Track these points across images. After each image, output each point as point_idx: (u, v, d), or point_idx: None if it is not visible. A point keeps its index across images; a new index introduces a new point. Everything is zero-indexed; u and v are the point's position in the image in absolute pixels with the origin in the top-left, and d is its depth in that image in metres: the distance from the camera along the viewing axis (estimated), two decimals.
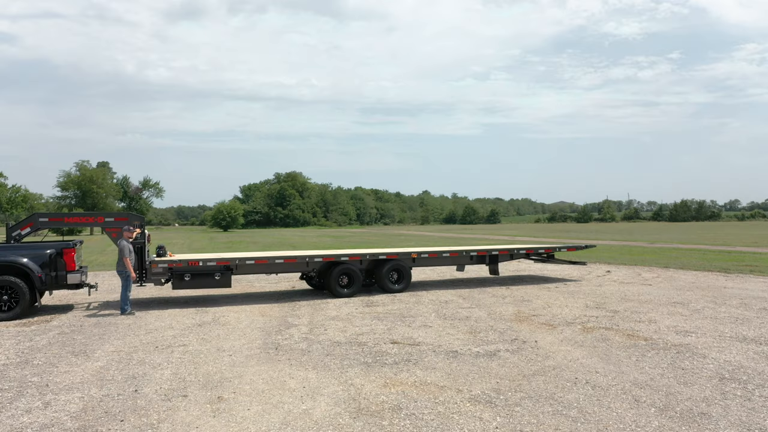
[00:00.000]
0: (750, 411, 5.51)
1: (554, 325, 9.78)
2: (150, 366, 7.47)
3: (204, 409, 5.78)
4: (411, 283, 14.39)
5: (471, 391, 6.24)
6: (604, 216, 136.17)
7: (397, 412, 5.61)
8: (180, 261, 12.54)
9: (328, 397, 6.10)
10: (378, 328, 9.75)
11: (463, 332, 9.33)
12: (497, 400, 5.94)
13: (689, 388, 6.23)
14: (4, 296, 11.13)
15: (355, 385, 6.56)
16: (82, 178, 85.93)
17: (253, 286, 16.08)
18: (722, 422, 5.24)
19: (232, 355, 8.05)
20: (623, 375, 6.77)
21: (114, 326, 10.26)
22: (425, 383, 6.58)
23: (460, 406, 5.76)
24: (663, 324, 9.75)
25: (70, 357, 8.00)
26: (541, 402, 5.86)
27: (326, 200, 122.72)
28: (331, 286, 13.35)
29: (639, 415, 5.44)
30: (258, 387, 6.51)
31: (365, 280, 14.04)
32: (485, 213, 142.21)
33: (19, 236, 12.30)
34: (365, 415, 5.54)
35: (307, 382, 6.67)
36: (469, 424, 5.29)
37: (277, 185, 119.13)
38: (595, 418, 5.39)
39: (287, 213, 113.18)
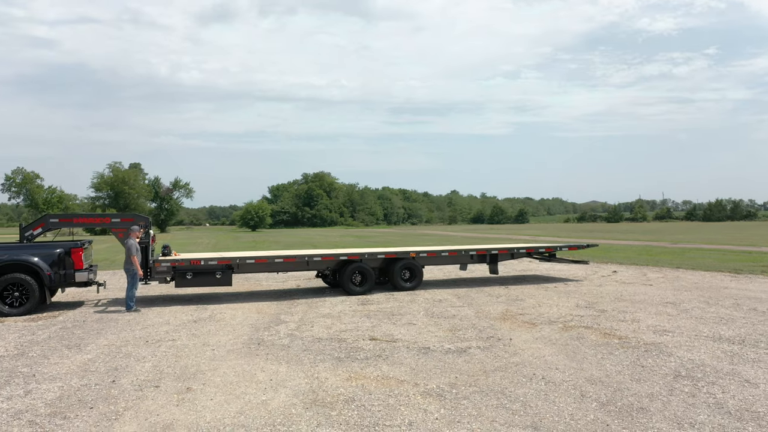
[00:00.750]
0: (689, 407, 5.65)
1: (536, 324, 9.94)
2: (134, 359, 7.90)
3: (170, 398, 6.15)
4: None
5: (427, 386, 6.49)
6: (635, 215, 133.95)
7: (349, 404, 5.90)
8: (182, 260, 13.03)
9: (290, 390, 6.42)
10: (363, 326, 10.04)
11: (444, 330, 9.56)
12: (449, 394, 6.19)
13: (640, 385, 6.38)
14: (16, 293, 11.74)
15: (320, 378, 6.87)
16: (114, 179, 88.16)
17: (260, 284, 16.53)
18: (657, 416, 5.40)
19: (215, 349, 8.44)
20: (581, 372, 6.94)
21: (114, 322, 10.76)
22: (387, 377, 6.85)
23: (411, 399, 6.02)
24: (645, 323, 9.83)
25: (63, 350, 8.49)
26: (490, 396, 6.08)
27: (353, 200, 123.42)
28: (344, 283, 13.76)
29: (578, 409, 5.63)
30: (228, 379, 6.87)
31: (379, 278, 14.41)
32: (513, 213, 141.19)
33: (32, 236, 12.93)
34: (317, 406, 5.84)
35: (276, 375, 7.00)
36: (412, 414, 5.55)
37: (305, 185, 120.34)
38: (534, 411, 5.60)
39: (314, 213, 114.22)
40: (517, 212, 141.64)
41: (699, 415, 5.41)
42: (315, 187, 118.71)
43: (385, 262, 14.43)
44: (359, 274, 13.92)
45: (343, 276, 13.85)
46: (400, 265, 14.30)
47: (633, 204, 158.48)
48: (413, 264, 14.45)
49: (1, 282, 11.63)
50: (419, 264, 14.63)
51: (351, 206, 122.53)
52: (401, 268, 14.32)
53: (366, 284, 13.88)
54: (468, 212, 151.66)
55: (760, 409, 5.55)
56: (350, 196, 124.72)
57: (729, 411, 5.52)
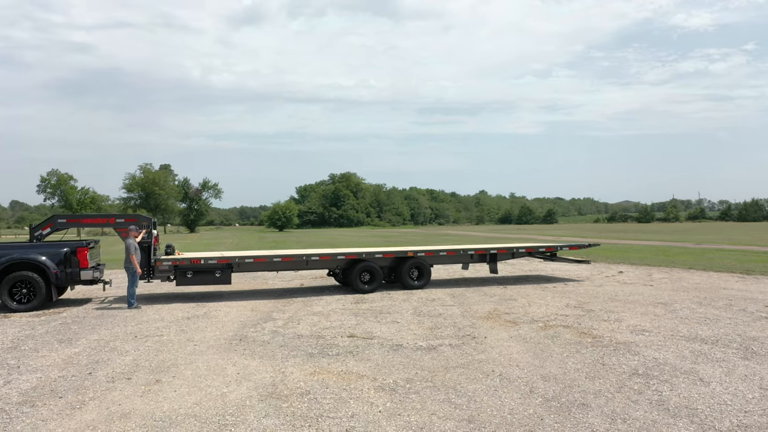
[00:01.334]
0: (631, 403, 5.75)
1: (517, 323, 10.05)
2: (118, 353, 8.28)
3: (137, 390, 6.48)
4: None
5: (384, 381, 6.70)
6: (667, 216, 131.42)
7: (302, 397, 6.14)
8: (183, 259, 13.44)
9: (253, 383, 6.69)
10: (348, 323, 10.28)
11: (425, 328, 9.74)
12: (401, 388, 6.38)
13: (592, 382, 6.49)
14: (24, 290, 12.29)
15: (286, 373, 7.13)
16: (145, 180, 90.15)
17: (266, 283, 16.90)
18: (594, 412, 5.52)
19: (197, 345, 8.77)
20: (540, 369, 7.06)
21: (112, 318, 11.20)
22: (349, 373, 7.08)
23: (363, 393, 6.23)
24: (626, 323, 9.86)
25: (54, 344, 8.92)
26: (440, 391, 6.26)
27: (380, 200, 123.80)
28: (353, 282, 14.09)
29: (521, 404, 5.78)
30: (198, 373, 7.18)
31: (389, 276, 14.73)
32: (542, 213, 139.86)
33: (41, 236, 13.50)
34: (272, 398, 6.10)
35: (245, 370, 7.29)
36: (358, 407, 5.77)
37: (332, 186, 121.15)
38: (476, 405, 5.77)
39: (341, 213, 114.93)
40: (546, 212, 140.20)
41: (636, 412, 5.51)
42: (342, 188, 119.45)
43: (394, 261, 14.69)
44: (367, 272, 14.22)
45: (351, 275, 14.15)
46: (409, 264, 14.55)
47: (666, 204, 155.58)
48: (421, 263, 14.69)
49: (10, 279, 12.18)
50: (427, 263, 14.85)
51: (378, 206, 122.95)
52: (409, 267, 14.57)
53: (374, 283, 14.18)
54: (496, 212, 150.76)
55: (699, 407, 5.62)
56: (377, 196, 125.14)
57: (668, 408, 5.60)
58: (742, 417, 5.34)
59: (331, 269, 15.08)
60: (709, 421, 5.25)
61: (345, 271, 14.64)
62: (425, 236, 53.86)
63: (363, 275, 14.20)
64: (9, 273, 12.23)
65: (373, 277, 14.24)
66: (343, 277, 14.90)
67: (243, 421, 5.46)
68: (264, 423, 5.39)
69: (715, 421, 5.25)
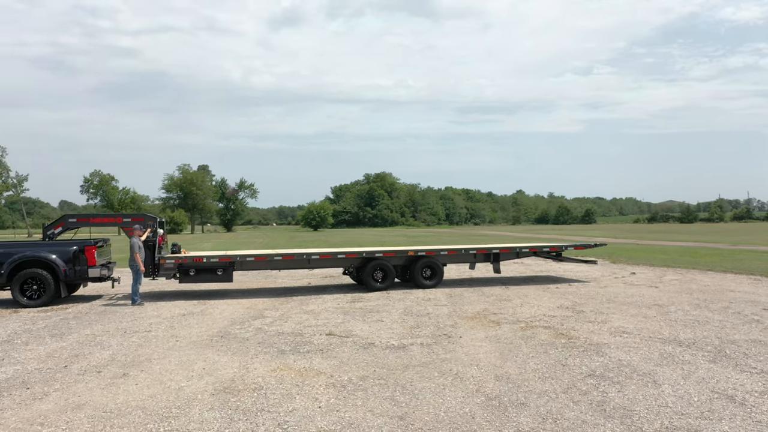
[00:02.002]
0: (571, 404, 5.75)
1: (500, 323, 10.05)
2: (100, 347, 8.63)
3: (101, 383, 6.77)
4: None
5: (340, 378, 6.83)
6: (711, 216, 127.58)
7: (252, 391, 6.33)
8: (186, 257, 13.83)
9: (213, 378, 6.91)
10: (333, 322, 10.44)
11: (406, 327, 9.83)
12: (352, 385, 6.51)
13: (543, 383, 6.49)
14: (34, 286, 12.85)
15: (250, 369, 7.33)
16: (183, 180, 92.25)
17: (275, 281, 17.22)
18: (529, 411, 5.55)
19: (179, 341, 9.06)
20: (498, 369, 7.09)
21: (112, 314, 11.63)
22: (310, 369, 7.24)
23: (312, 389, 6.38)
24: (611, 325, 9.76)
25: (46, 338, 9.34)
26: (389, 389, 6.36)
27: (414, 200, 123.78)
28: (365, 280, 14.37)
29: (461, 403, 5.84)
30: (167, 368, 7.44)
31: (404, 275, 14.93)
32: (580, 213, 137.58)
33: (53, 234, 14.08)
34: (224, 393, 6.30)
35: (212, 365, 7.52)
36: (300, 403, 5.92)
37: (366, 186, 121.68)
38: (416, 403, 5.85)
39: (376, 213, 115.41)
40: (584, 212, 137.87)
41: (571, 412, 5.51)
42: (376, 188, 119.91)
43: (407, 260, 14.86)
44: (380, 271, 14.43)
45: (364, 273, 14.36)
46: (421, 263, 14.70)
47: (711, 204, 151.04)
48: (434, 262, 14.83)
49: (21, 276, 12.76)
50: (440, 263, 14.97)
51: (412, 206, 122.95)
52: (422, 266, 14.72)
53: (386, 281, 14.38)
54: (533, 212, 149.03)
55: (638, 408, 5.58)
56: (411, 196, 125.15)
57: (605, 409, 5.59)
58: (676, 419, 5.30)
59: (346, 268, 15.27)
60: (639, 423, 5.22)
61: (359, 270, 14.82)
62: (451, 236, 53.69)
63: (376, 273, 14.43)
64: (21, 270, 12.79)
65: (386, 275, 14.45)
66: (358, 275, 15.06)
67: (186, 413, 5.67)
68: (205, 416, 5.59)
69: (645, 423, 5.22)
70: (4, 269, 12.71)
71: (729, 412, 5.47)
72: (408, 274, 14.97)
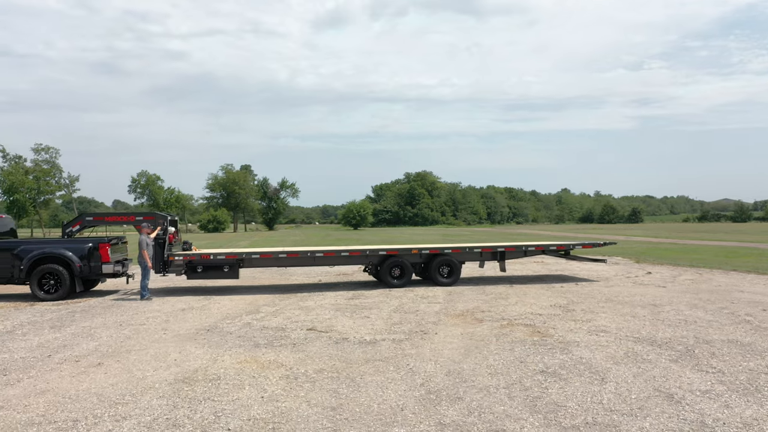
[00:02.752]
0: (506, 399, 5.82)
1: (482, 321, 10.11)
2: (90, 339, 9.09)
3: (74, 371, 7.19)
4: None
5: (297, 370, 7.06)
6: (766, 215, 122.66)
7: (208, 382, 6.62)
8: (194, 254, 14.32)
9: (179, 369, 7.24)
10: (321, 317, 10.69)
11: (389, 324, 9.99)
12: (304, 377, 6.73)
13: (491, 378, 6.57)
14: (51, 281, 13.55)
15: (218, 360, 7.63)
16: (226, 180, 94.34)
17: (288, 278, 17.61)
18: (459, 406, 5.65)
19: (166, 334, 9.46)
20: (455, 365, 7.19)
21: (118, 308, 12.17)
22: (273, 362, 7.49)
23: (265, 380, 6.63)
24: (594, 324, 9.70)
25: (45, 330, 9.88)
26: (337, 381, 6.55)
27: (455, 199, 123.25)
28: (383, 276, 14.68)
29: (399, 396, 5.98)
30: (141, 358, 7.82)
31: (423, 273, 15.15)
32: (625, 211, 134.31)
33: (71, 232, 14.80)
34: (181, 382, 6.61)
35: (185, 357, 7.85)
36: (246, 393, 6.18)
37: (407, 185, 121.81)
38: (355, 395, 6.03)
39: (416, 212, 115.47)
40: (630, 211, 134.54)
41: (501, 407, 5.60)
42: (417, 186, 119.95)
43: (426, 258, 15.06)
44: (398, 268, 14.68)
45: (381, 270, 14.64)
46: (438, 261, 14.86)
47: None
48: (451, 260, 14.98)
49: (39, 272, 13.47)
50: (457, 260, 15.10)
51: (453, 205, 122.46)
52: (439, 264, 14.88)
53: (404, 278, 14.64)
54: (578, 211, 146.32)
55: (569, 404, 5.63)
56: (452, 195, 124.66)
57: (535, 405, 5.65)
58: (601, 415, 5.32)
59: (366, 265, 15.56)
60: (561, 418, 5.27)
61: (377, 267, 15.05)
62: (484, 234, 53.36)
63: (393, 270, 14.70)
64: (39, 265, 13.51)
65: (404, 272, 14.69)
66: (377, 272, 15.29)
67: (136, 400, 5.99)
68: (152, 403, 5.90)
69: (567, 418, 5.26)
70: (23, 265, 13.44)
71: (659, 409, 5.46)
72: (426, 271, 15.09)
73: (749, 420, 5.18)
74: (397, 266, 14.77)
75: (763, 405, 5.54)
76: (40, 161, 75.38)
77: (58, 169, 76.62)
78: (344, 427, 5.18)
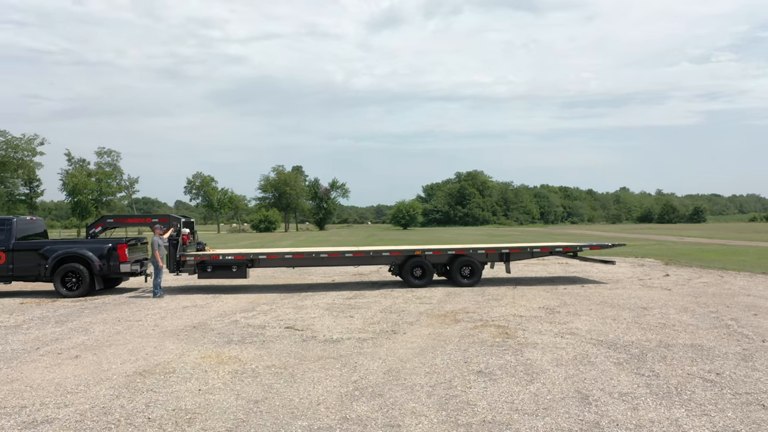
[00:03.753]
0: (422, 396, 6.05)
1: (459, 321, 10.28)
2: (84, 333, 9.78)
3: (51, 362, 7.82)
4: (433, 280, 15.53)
5: (250, 366, 7.47)
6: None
7: (162, 374, 7.10)
8: (204, 255, 14.99)
9: (146, 362, 7.77)
10: (307, 316, 11.10)
11: (367, 323, 10.29)
12: (252, 373, 7.12)
13: (424, 377, 6.79)
14: (73, 279, 14.49)
15: (184, 355, 8.13)
16: (278, 181, 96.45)
17: (304, 278, 18.13)
18: (376, 401, 5.91)
19: (154, 330, 10.06)
20: (402, 363, 7.43)
21: (127, 305, 12.94)
22: (233, 358, 7.92)
23: (215, 374, 7.06)
24: (566, 326, 9.72)
25: (49, 325, 10.66)
26: (278, 377, 6.92)
27: (507, 199, 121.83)
28: (405, 277, 15.10)
29: (324, 391, 6.30)
30: (117, 352, 8.40)
31: (447, 273, 15.41)
32: (687, 211, 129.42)
33: (94, 234, 15.75)
34: (138, 375, 7.12)
35: (158, 351, 8.39)
36: (190, 385, 6.62)
37: (457, 184, 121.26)
38: (286, 389, 6.38)
39: (467, 212, 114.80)
40: (692, 210, 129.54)
41: (413, 404, 5.83)
42: (468, 186, 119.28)
43: (448, 259, 15.33)
44: (420, 268, 15.03)
45: (403, 270, 15.02)
46: (460, 261, 15.12)
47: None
48: (472, 261, 15.20)
49: (62, 270, 14.43)
50: (479, 261, 15.31)
51: (504, 205, 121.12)
52: (460, 264, 15.13)
53: (425, 278, 14.99)
54: (636, 210, 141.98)
55: (481, 403, 5.80)
56: (504, 194, 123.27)
57: (447, 402, 5.85)
58: (503, 414, 5.48)
59: (390, 265, 15.86)
60: (462, 416, 5.46)
61: (400, 267, 15.39)
62: (527, 234, 52.67)
63: (415, 270, 15.07)
64: (62, 264, 14.46)
65: (425, 272, 15.01)
66: (400, 272, 15.59)
67: (88, 390, 6.53)
68: (100, 392, 6.42)
69: (467, 416, 5.45)
70: (48, 263, 14.42)
71: (564, 410, 5.57)
72: (448, 272, 15.32)
73: (645, 422, 5.24)
74: (418, 266, 15.08)
75: (670, 409, 5.57)
76: (103, 164, 79.18)
77: (119, 172, 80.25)
78: (254, 418, 5.54)
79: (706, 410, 5.52)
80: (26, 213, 70.76)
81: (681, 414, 5.44)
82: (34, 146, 68.46)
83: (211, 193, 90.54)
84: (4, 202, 68.06)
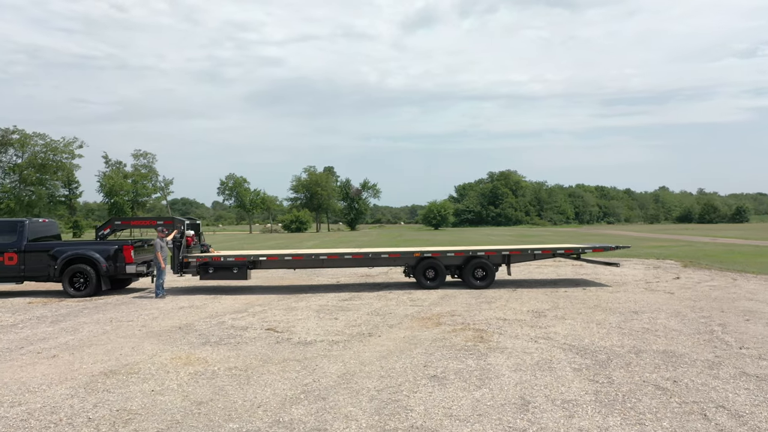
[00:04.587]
0: (364, 400, 6.07)
1: (440, 324, 10.25)
2: (71, 333, 10.09)
3: (27, 362, 8.10)
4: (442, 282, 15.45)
5: (213, 367, 7.60)
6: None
7: (125, 374, 7.29)
8: (206, 257, 15.27)
9: (117, 362, 7.98)
10: (294, 318, 11.21)
11: (348, 326, 10.34)
12: (209, 374, 7.26)
13: (375, 381, 6.80)
14: (81, 279, 14.94)
15: (155, 355, 8.32)
16: (309, 182, 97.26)
17: (311, 279, 18.32)
18: (318, 405, 5.96)
19: (141, 330, 10.30)
20: (360, 366, 7.46)
21: (126, 305, 13.28)
22: (201, 359, 8.08)
23: (175, 376, 7.21)
24: (546, 330, 9.61)
25: (43, 325, 11.02)
26: (234, 379, 7.03)
27: (540, 198, 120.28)
28: (417, 278, 15.21)
29: (272, 394, 6.37)
30: (95, 352, 8.65)
31: (461, 275, 15.36)
32: (729, 210, 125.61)
33: (103, 235, 16.20)
34: (103, 374, 7.32)
35: (133, 352, 8.61)
36: (147, 385, 6.78)
37: (490, 184, 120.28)
38: (236, 391, 6.48)
39: (499, 212, 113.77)
40: (734, 210, 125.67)
41: (351, 408, 5.86)
42: (500, 186, 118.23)
43: (462, 260, 15.32)
44: (432, 270, 15.10)
45: (416, 272, 15.11)
46: (473, 264, 15.12)
47: None
48: (485, 263, 15.16)
49: (70, 271, 14.89)
50: (493, 263, 15.28)
51: (538, 205, 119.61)
52: (473, 266, 15.12)
53: (437, 279, 15.05)
54: (676, 210, 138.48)
55: (418, 408, 5.79)
56: (537, 194, 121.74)
57: (386, 407, 5.85)
58: (434, 420, 5.47)
59: (404, 266, 15.94)
60: (393, 421, 5.47)
61: (413, 269, 15.45)
62: (562, 235, 51.92)
63: (428, 272, 15.14)
64: (70, 265, 14.93)
65: (437, 274, 15.05)
66: (412, 273, 15.66)
67: (50, 388, 6.75)
68: (58, 392, 6.63)
69: (397, 422, 5.45)
70: (57, 264, 14.90)
71: (498, 416, 5.53)
72: (461, 273, 15.31)
73: (574, 431, 5.16)
74: (431, 268, 15.11)
75: (606, 417, 5.47)
76: (139, 166, 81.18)
77: (155, 173, 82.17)
78: (189, 419, 5.65)
79: (643, 419, 5.40)
80: (65, 214, 73.10)
81: (615, 422, 5.34)
82: (72, 149, 70.60)
83: (243, 194, 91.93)
84: (45, 203, 70.40)
